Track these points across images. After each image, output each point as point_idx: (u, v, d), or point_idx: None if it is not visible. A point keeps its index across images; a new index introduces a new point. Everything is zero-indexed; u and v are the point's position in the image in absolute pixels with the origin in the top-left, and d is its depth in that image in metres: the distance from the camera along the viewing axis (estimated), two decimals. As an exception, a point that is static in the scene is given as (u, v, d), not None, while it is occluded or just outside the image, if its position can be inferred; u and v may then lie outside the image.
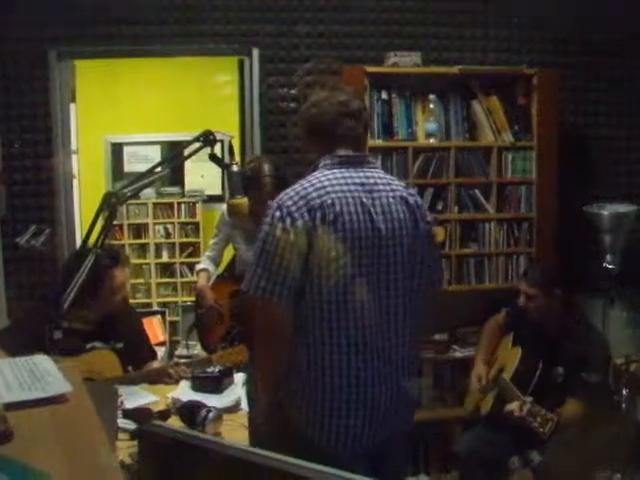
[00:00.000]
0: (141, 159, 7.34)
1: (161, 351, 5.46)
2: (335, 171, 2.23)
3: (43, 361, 1.42)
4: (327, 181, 2.19)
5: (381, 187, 2.27)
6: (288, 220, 2.10)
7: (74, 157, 5.51)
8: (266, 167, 3.64)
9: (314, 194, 2.15)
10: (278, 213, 2.13)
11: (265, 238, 2.13)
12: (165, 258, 7.32)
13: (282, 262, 2.09)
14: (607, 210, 4.27)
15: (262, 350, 2.21)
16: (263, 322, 2.17)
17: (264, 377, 2.22)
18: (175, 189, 7.30)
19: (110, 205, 2.48)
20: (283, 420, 2.20)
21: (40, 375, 1.33)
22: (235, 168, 2.65)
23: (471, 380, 3.68)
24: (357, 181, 2.23)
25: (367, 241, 2.18)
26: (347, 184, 2.20)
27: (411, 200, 2.32)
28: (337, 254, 2.13)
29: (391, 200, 2.26)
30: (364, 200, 2.20)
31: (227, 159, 2.75)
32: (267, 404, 2.23)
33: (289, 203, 2.13)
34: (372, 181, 2.27)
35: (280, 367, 2.18)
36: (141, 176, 2.69)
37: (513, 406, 3.18)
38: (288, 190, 2.19)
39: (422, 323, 2.40)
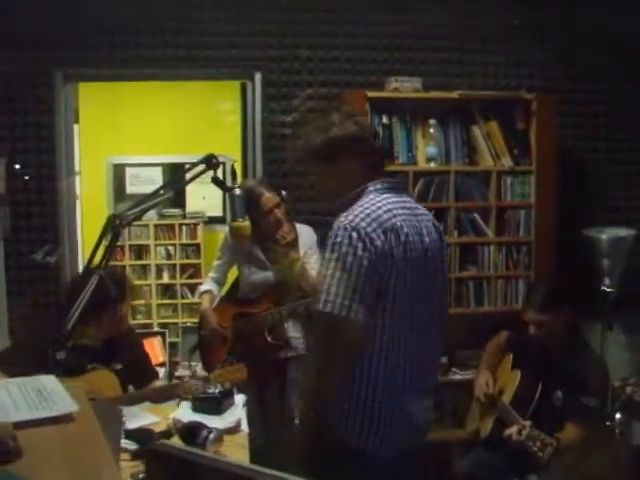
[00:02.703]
0: (143, 181, 7.38)
1: (161, 372, 5.47)
2: (387, 195, 2.29)
3: (50, 381, 1.45)
4: (389, 204, 2.24)
5: (419, 212, 2.37)
6: (367, 240, 2.13)
7: (76, 178, 5.55)
8: (254, 183, 3.68)
9: (385, 216, 2.19)
10: (355, 234, 2.14)
11: (344, 258, 2.14)
12: (166, 279, 7.34)
13: (361, 281, 2.12)
14: (606, 234, 4.30)
15: (333, 367, 2.22)
16: (342, 339, 2.18)
17: (328, 391, 2.25)
18: (176, 211, 7.33)
19: (114, 227, 2.50)
20: (327, 427, 2.25)
21: (47, 395, 1.36)
22: (237, 191, 2.69)
23: (476, 385, 3.66)
24: (406, 205, 2.31)
25: (423, 262, 2.27)
26: (403, 208, 2.28)
27: (437, 226, 2.44)
28: (406, 274, 2.20)
29: (429, 224, 2.36)
30: (415, 224, 2.28)
31: (229, 182, 2.77)
32: (321, 415, 2.26)
33: (363, 224, 2.16)
34: (413, 205, 2.36)
35: (342, 380, 2.23)
36: (145, 198, 2.72)
37: (512, 430, 3.18)
38: (356, 212, 2.20)
39: None
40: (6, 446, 1.12)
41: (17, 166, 4.33)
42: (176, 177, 3.09)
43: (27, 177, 4.35)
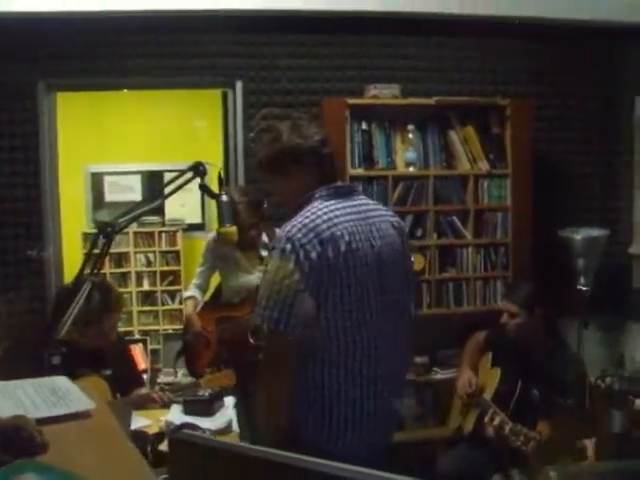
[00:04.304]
0: (122, 189, 7.41)
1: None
2: (332, 202, 2.28)
3: (63, 381, 1.51)
4: (330, 212, 2.23)
5: (372, 214, 2.36)
6: (302, 252, 2.13)
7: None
8: (237, 195, 3.74)
9: (323, 226, 2.18)
10: (289, 245, 2.14)
11: (277, 270, 2.15)
12: (146, 286, 7.37)
13: (292, 294, 2.12)
14: (580, 234, 4.42)
15: (270, 376, 2.24)
16: (275, 351, 2.21)
17: (270, 400, 2.27)
18: (155, 218, 7.34)
19: (107, 234, 2.55)
20: (290, 435, 2.26)
21: (62, 394, 1.42)
22: (224, 198, 2.74)
23: (459, 384, 3.71)
24: (354, 210, 2.30)
25: (372, 267, 2.26)
26: (348, 214, 2.26)
27: (397, 225, 2.43)
28: (349, 283, 2.20)
29: (384, 226, 2.35)
30: (364, 228, 2.27)
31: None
32: (274, 423, 2.28)
33: (299, 235, 2.15)
34: (364, 208, 2.35)
35: (287, 391, 2.23)
36: (135, 206, 2.78)
37: (494, 422, 3.28)
38: (294, 222, 2.20)
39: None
40: (34, 440, 1.19)
41: (1, 175, 4.36)
42: (163, 185, 3.15)
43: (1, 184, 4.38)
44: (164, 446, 2.54)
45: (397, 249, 2.37)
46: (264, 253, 3.91)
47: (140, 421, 2.98)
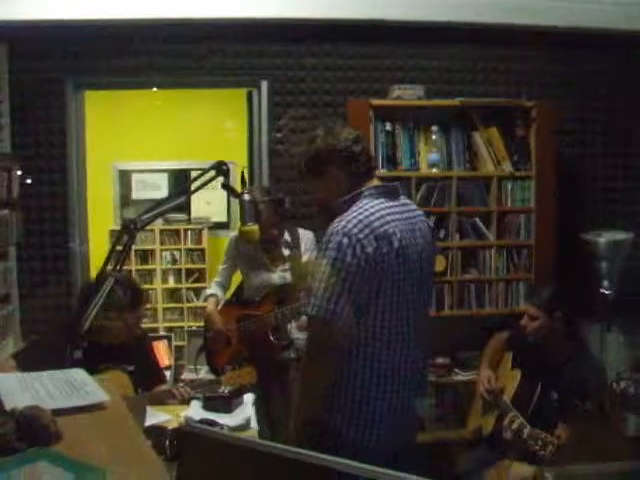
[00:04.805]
0: (149, 186, 7.49)
1: (166, 375, 5.55)
2: (382, 200, 2.37)
3: (79, 374, 1.54)
4: (382, 210, 2.32)
5: (414, 214, 2.46)
6: (358, 247, 2.20)
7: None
8: (259, 195, 3.76)
9: (377, 223, 2.26)
10: (346, 240, 2.21)
11: (333, 263, 2.22)
12: (171, 283, 7.43)
13: (352, 287, 2.21)
14: (603, 238, 4.40)
15: (314, 365, 2.34)
16: (325, 341, 2.28)
17: (310, 390, 2.37)
18: (181, 216, 7.41)
19: (130, 231, 2.59)
20: (323, 424, 2.34)
21: (78, 386, 1.46)
22: (247, 197, 2.77)
23: (480, 382, 3.69)
24: (400, 209, 2.40)
25: (416, 265, 2.36)
26: (396, 213, 2.36)
27: (430, 225, 2.55)
28: (399, 278, 2.29)
29: (423, 226, 2.46)
30: (410, 227, 2.37)
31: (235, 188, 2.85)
32: (310, 413, 2.36)
33: (355, 231, 2.22)
34: (407, 209, 2.45)
35: (328, 381, 2.32)
36: (158, 204, 2.81)
37: (513, 425, 3.27)
38: (349, 218, 2.28)
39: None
40: (48, 429, 1.22)
41: (29, 172, 4.42)
42: (188, 183, 3.18)
43: (29, 181, 4.44)
44: (182, 441, 2.57)
45: (430, 249, 2.48)
46: (286, 252, 3.94)
47: (160, 416, 3.01)
